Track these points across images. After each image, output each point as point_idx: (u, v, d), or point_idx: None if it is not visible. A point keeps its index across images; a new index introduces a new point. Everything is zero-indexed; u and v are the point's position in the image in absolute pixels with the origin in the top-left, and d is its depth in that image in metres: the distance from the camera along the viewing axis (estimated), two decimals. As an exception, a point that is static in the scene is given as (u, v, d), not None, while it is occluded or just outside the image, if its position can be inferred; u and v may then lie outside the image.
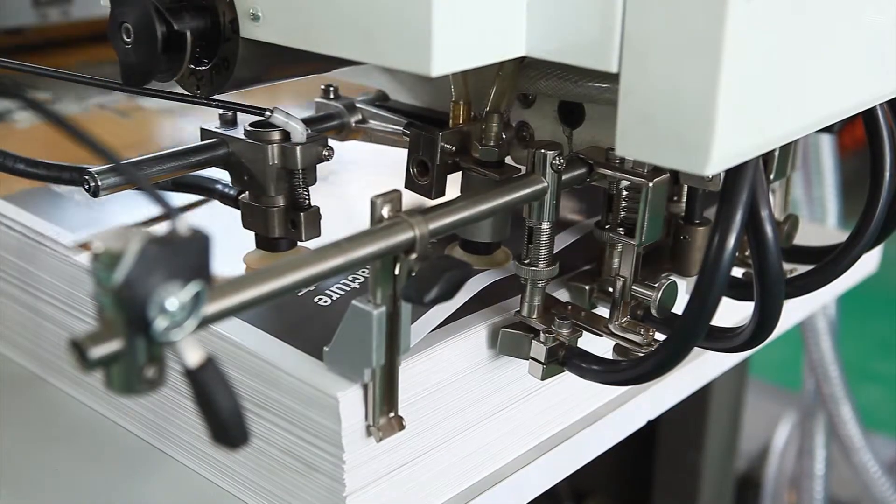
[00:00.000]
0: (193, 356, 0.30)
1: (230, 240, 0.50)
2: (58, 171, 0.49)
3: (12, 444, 0.51)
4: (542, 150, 0.44)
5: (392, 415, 0.42)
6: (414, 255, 0.38)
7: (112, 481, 0.48)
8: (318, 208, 0.50)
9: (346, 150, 0.58)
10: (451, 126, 0.50)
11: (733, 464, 1.08)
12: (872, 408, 1.70)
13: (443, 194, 0.49)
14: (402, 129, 0.55)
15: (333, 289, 0.48)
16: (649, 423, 0.58)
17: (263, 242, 0.50)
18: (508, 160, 0.50)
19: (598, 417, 0.54)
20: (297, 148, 0.47)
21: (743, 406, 1.07)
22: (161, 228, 0.30)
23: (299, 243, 0.51)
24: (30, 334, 0.56)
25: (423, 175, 0.49)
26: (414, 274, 0.39)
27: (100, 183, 0.45)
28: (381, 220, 0.38)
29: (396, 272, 0.39)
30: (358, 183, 0.63)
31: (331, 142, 0.49)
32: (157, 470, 0.49)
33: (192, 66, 0.45)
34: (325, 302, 0.47)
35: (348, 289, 0.48)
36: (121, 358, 0.30)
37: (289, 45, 0.41)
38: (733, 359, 0.65)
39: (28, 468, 0.49)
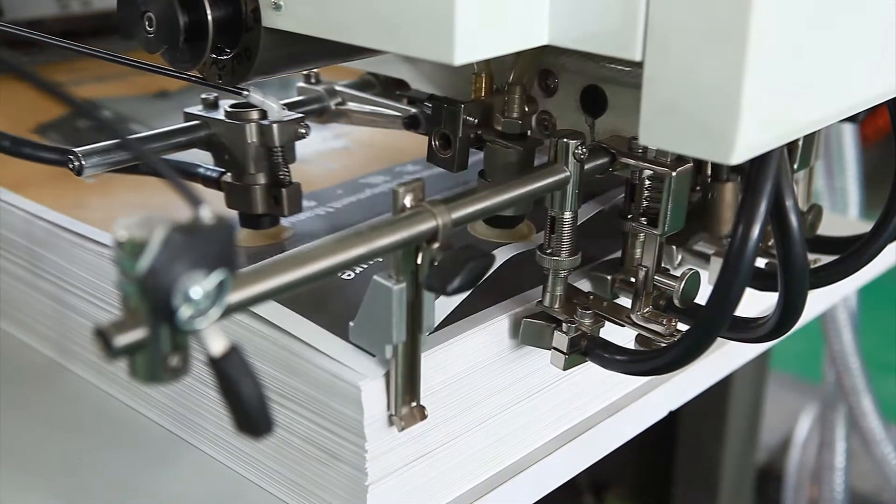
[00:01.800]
0: (217, 345, 0.30)
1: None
2: (42, 150, 0.50)
3: (35, 432, 0.51)
4: (565, 140, 0.43)
5: (414, 404, 0.42)
6: (436, 245, 0.38)
7: (134, 470, 0.49)
8: (300, 184, 0.51)
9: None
10: (473, 98, 0.50)
11: (754, 456, 1.08)
12: (893, 400, 1.69)
13: (465, 167, 0.49)
14: (382, 110, 0.57)
15: None
16: (671, 413, 0.58)
17: (247, 220, 0.52)
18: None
19: (620, 408, 0.54)
20: (274, 125, 0.49)
21: (763, 398, 1.06)
22: (184, 215, 0.30)
23: (282, 220, 0.52)
24: (52, 323, 0.56)
25: (445, 148, 0.49)
26: (436, 263, 0.38)
27: (84, 162, 0.47)
28: (404, 210, 0.38)
29: (419, 262, 0.39)
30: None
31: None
32: (179, 459, 0.50)
33: (214, 56, 0.46)
34: (349, 276, 0.47)
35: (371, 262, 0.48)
36: (145, 346, 0.30)
37: (310, 34, 0.41)
38: (755, 349, 0.65)
39: (51, 456, 0.49)
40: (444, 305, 0.44)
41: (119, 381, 0.53)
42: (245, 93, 0.48)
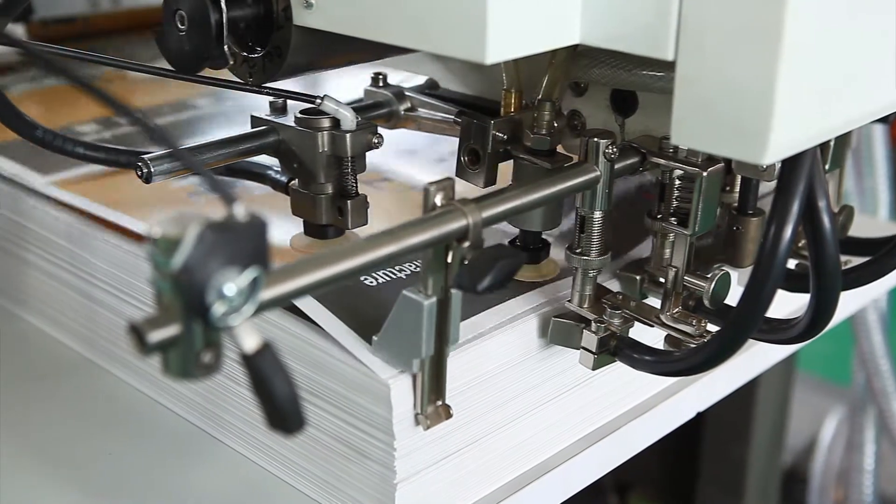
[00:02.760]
0: (250, 342, 0.30)
1: (277, 226, 0.50)
2: (115, 154, 0.50)
3: (65, 426, 0.52)
4: (595, 139, 0.43)
5: (440, 403, 0.42)
6: (467, 244, 0.38)
7: (163, 465, 0.49)
8: (366, 196, 0.50)
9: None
10: (503, 114, 0.49)
11: (780, 458, 1.07)
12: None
13: (493, 183, 0.49)
14: (452, 117, 0.55)
15: (381, 272, 0.48)
16: (696, 414, 0.58)
17: (311, 229, 0.51)
18: (560, 149, 0.49)
19: (647, 409, 0.54)
20: (347, 135, 0.48)
21: (790, 400, 1.06)
22: (218, 213, 0.30)
23: (347, 231, 0.51)
24: (83, 319, 0.57)
25: (474, 163, 0.49)
26: (466, 262, 0.38)
27: (152, 169, 0.46)
28: (434, 208, 0.38)
29: (449, 260, 0.39)
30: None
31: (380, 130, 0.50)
32: (208, 454, 0.50)
33: (245, 54, 0.46)
34: (371, 283, 0.47)
35: (394, 277, 0.48)
36: (178, 343, 0.30)
37: (341, 32, 0.41)
38: (785, 351, 0.64)
39: (81, 451, 0.50)
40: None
41: (148, 376, 0.54)
42: (318, 101, 0.48)
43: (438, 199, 0.38)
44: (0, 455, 0.49)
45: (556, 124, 0.48)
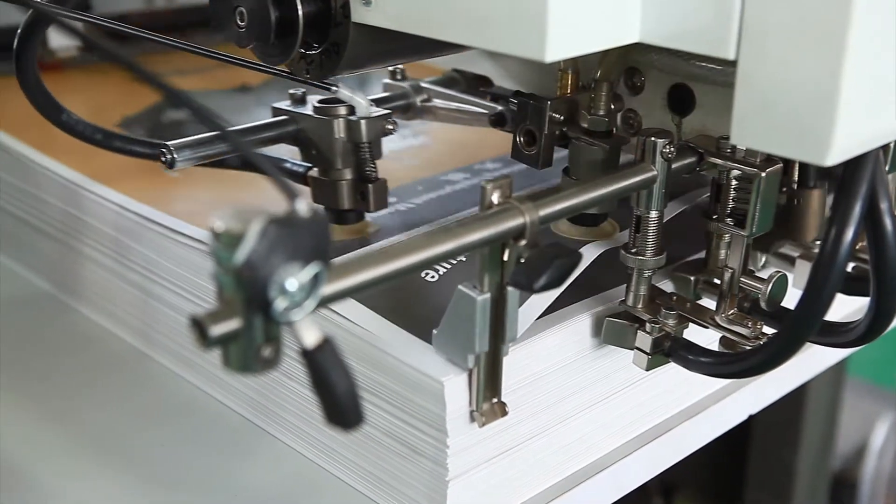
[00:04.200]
0: (311, 337, 0.30)
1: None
2: (132, 144, 0.51)
3: (119, 419, 0.52)
4: (653, 138, 0.43)
5: (495, 401, 0.42)
6: (523, 242, 0.38)
7: (216, 459, 0.49)
8: (386, 180, 0.51)
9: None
10: (559, 95, 0.49)
11: (829, 462, 1.06)
12: (973, 410, 1.64)
13: (550, 164, 0.49)
14: (466, 107, 0.57)
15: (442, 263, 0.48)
16: (749, 417, 0.57)
17: (333, 215, 0.52)
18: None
19: (700, 410, 0.54)
20: (362, 122, 0.50)
21: (840, 404, 1.04)
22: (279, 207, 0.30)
23: (367, 216, 0.53)
24: (138, 312, 0.57)
25: (531, 145, 0.49)
26: (523, 260, 0.38)
27: (176, 156, 0.48)
28: (491, 206, 0.38)
29: (505, 258, 0.39)
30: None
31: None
32: (260, 449, 0.50)
33: (303, 51, 0.46)
34: (433, 277, 0.47)
35: (455, 261, 0.48)
36: (239, 337, 0.30)
37: (400, 30, 0.41)
38: (839, 354, 0.63)
39: (134, 442, 0.50)
40: (529, 312, 0.44)
41: (201, 370, 0.54)
42: (334, 88, 0.49)
43: (495, 198, 0.38)
44: (55, 444, 0.50)
45: (612, 105, 0.48)
